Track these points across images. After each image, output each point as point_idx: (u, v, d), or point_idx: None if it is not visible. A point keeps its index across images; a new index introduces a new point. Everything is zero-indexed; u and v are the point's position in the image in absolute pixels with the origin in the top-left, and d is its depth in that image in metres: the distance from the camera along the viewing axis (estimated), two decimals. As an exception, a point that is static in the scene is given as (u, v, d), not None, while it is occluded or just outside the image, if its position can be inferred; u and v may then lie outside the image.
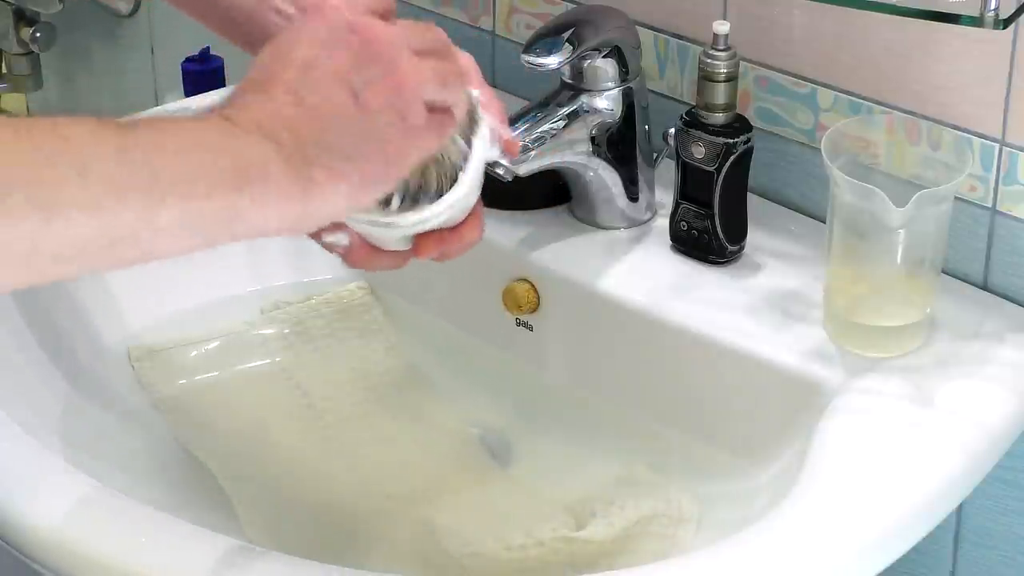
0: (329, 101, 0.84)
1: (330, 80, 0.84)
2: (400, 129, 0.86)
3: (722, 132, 1.19)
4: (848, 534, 0.98)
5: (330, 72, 0.85)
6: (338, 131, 0.84)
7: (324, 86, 0.84)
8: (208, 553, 0.96)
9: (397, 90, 0.86)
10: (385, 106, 0.85)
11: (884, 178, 1.11)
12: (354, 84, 0.85)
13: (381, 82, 0.85)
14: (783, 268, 1.21)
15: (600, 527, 1.10)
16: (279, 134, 0.82)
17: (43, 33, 1.89)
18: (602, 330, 1.21)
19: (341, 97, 0.84)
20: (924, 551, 1.25)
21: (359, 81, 0.85)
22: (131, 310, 1.27)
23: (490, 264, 1.25)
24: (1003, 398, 1.09)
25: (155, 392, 1.24)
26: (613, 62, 1.22)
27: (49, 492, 1.01)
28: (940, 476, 1.03)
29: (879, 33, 1.19)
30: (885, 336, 1.12)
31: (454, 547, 1.10)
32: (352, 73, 0.85)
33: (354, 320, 1.31)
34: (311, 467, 1.19)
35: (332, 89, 0.84)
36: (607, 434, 1.20)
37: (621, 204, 1.26)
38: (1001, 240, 1.18)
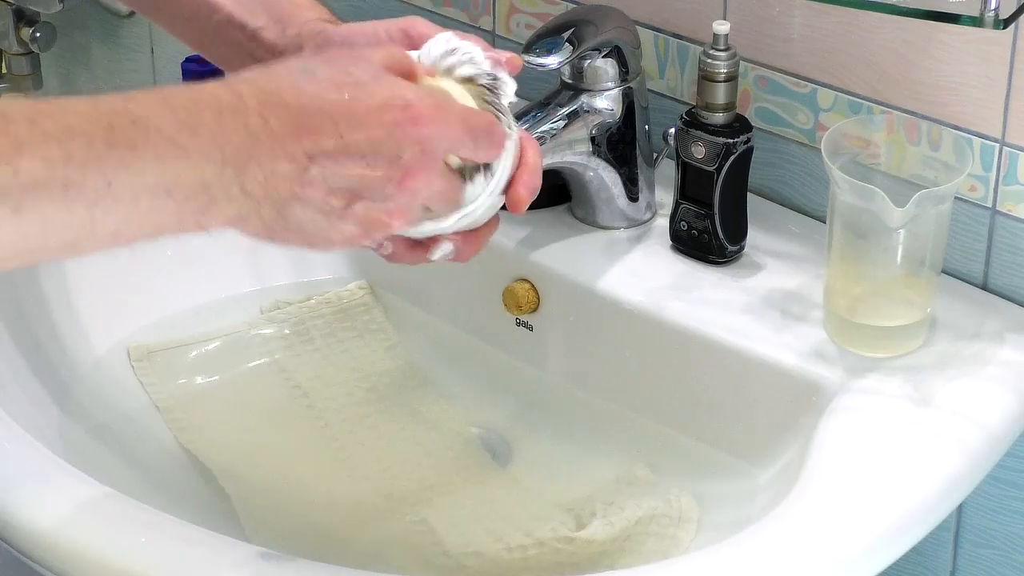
0: (325, 190, 0.83)
1: (348, 180, 0.83)
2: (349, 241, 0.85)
3: (722, 132, 1.19)
4: (848, 534, 0.98)
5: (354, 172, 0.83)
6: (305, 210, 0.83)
7: (337, 178, 0.83)
8: (208, 553, 0.96)
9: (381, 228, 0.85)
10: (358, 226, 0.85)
11: (884, 178, 1.11)
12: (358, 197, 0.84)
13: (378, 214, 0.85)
14: (783, 268, 1.21)
15: (600, 527, 1.10)
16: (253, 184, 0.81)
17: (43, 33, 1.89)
18: (602, 330, 1.21)
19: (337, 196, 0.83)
20: (924, 551, 1.25)
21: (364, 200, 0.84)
22: (131, 310, 1.27)
23: (490, 264, 1.25)
24: (1003, 398, 1.09)
25: (155, 392, 1.24)
26: (613, 62, 1.22)
27: (49, 492, 1.01)
28: (940, 476, 1.03)
29: (879, 33, 1.19)
30: (885, 336, 1.12)
31: (454, 547, 1.10)
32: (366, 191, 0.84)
33: (354, 320, 1.31)
34: (311, 467, 1.19)
35: (339, 185, 0.83)
36: (607, 434, 1.20)
37: (621, 204, 1.26)
38: (1001, 240, 1.18)
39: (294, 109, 0.82)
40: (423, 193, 0.86)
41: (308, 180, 0.82)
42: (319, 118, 0.82)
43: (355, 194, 0.84)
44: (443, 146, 0.86)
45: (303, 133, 0.82)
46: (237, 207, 0.81)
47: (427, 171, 0.85)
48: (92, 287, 1.25)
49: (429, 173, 0.85)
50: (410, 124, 0.84)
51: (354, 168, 0.83)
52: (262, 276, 1.33)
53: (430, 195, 0.86)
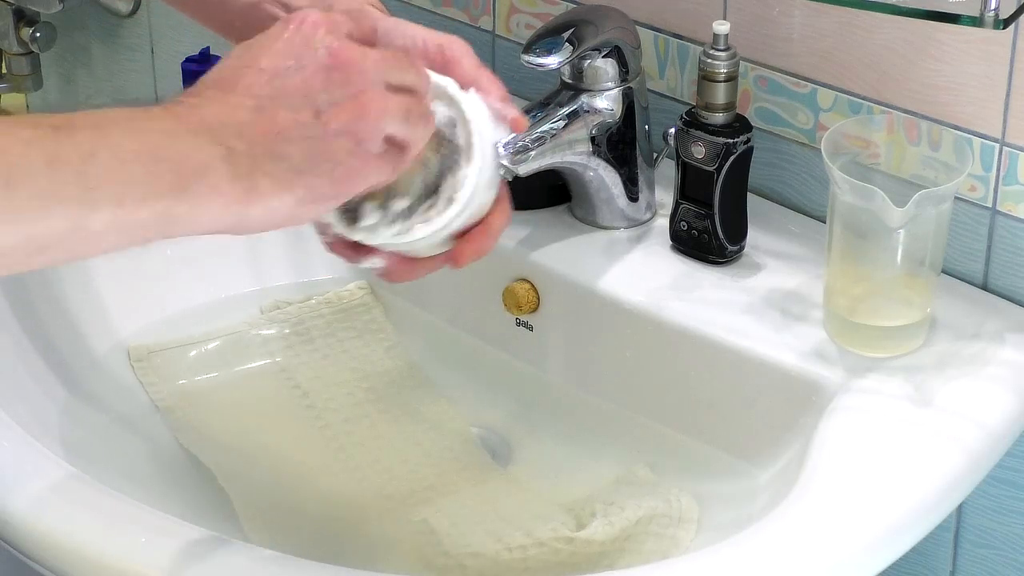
0: (289, 113, 0.84)
1: (295, 92, 0.85)
2: (354, 154, 0.86)
3: (722, 132, 1.19)
4: (848, 534, 0.98)
5: (296, 84, 0.85)
6: (292, 143, 0.84)
7: (287, 97, 0.84)
8: (208, 553, 0.96)
9: (359, 115, 0.85)
10: (344, 129, 0.85)
11: (884, 178, 1.11)
12: (318, 101, 0.85)
13: (345, 105, 0.85)
14: (783, 268, 1.21)
15: (600, 527, 1.10)
16: (229, 138, 0.82)
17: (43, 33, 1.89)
18: (602, 330, 1.21)
19: (302, 111, 0.84)
20: (924, 551, 1.25)
21: (324, 100, 0.85)
22: (131, 310, 1.27)
23: (490, 264, 1.25)
24: (1003, 398, 1.09)
25: (155, 392, 1.24)
26: (613, 62, 1.22)
27: (49, 492, 1.01)
28: (940, 476, 1.03)
29: (879, 33, 1.19)
30: (885, 336, 1.12)
31: (454, 547, 1.10)
32: (318, 90, 0.85)
33: (354, 320, 1.31)
34: (311, 467, 1.19)
35: (294, 101, 0.84)
36: (607, 434, 1.20)
37: (621, 204, 1.26)
38: (1001, 240, 1.18)
39: (216, 75, 0.85)
40: (374, 66, 0.86)
41: (267, 113, 0.83)
42: (237, 67, 0.85)
43: (312, 97, 0.84)
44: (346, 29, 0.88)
45: (233, 82, 0.84)
46: (232, 166, 0.81)
47: (359, 49, 0.86)
48: (92, 287, 1.25)
49: (362, 51, 0.86)
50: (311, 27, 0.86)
51: (291, 78, 0.84)
52: (262, 276, 1.33)
53: (387, 70, 0.87)
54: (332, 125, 0.85)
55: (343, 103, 0.85)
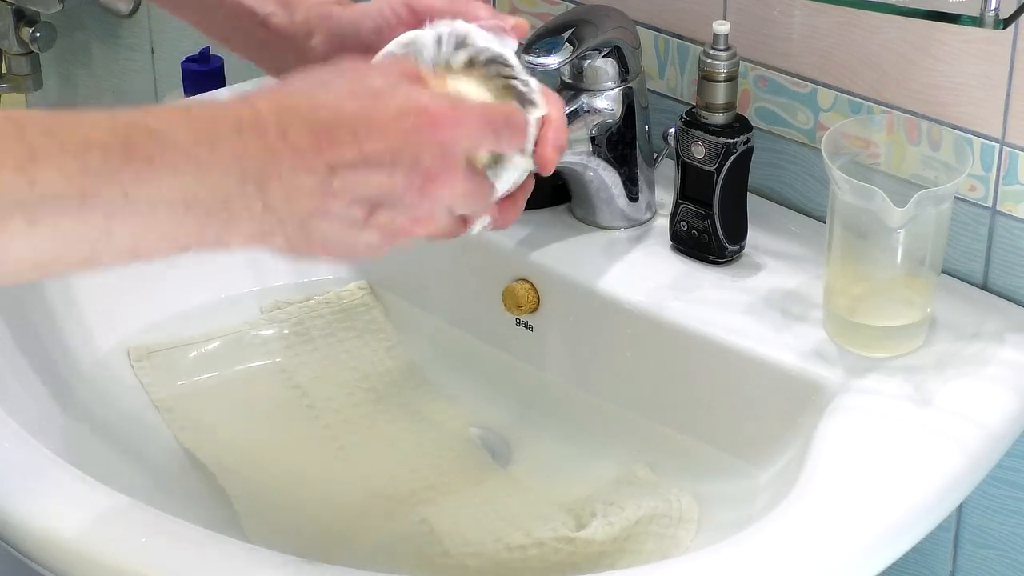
0: (347, 201, 0.82)
1: (369, 189, 0.82)
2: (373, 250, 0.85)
3: (722, 132, 1.19)
4: (848, 534, 0.98)
5: (376, 183, 0.82)
6: (328, 223, 0.82)
7: (358, 188, 0.82)
8: (208, 553, 0.96)
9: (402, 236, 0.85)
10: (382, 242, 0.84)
11: (884, 178, 1.11)
12: (380, 205, 0.83)
13: (400, 222, 0.84)
14: (783, 268, 1.21)
15: (600, 527, 1.10)
16: (276, 199, 0.80)
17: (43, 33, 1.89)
18: (602, 330, 1.21)
19: (359, 206, 0.82)
20: (924, 551, 1.25)
21: (386, 208, 0.83)
22: (131, 311, 1.27)
23: (490, 264, 1.25)
24: (1003, 398, 1.09)
25: (155, 392, 1.24)
26: (613, 62, 1.22)
27: (49, 492, 1.01)
28: (940, 476, 1.03)
29: (879, 33, 1.19)
30: (885, 336, 1.12)
31: (454, 547, 1.10)
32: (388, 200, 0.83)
33: (354, 320, 1.31)
34: (311, 467, 1.19)
35: (361, 195, 0.82)
36: (607, 434, 1.20)
37: (621, 204, 1.26)
38: (1001, 240, 1.18)
39: (313, 122, 0.81)
40: (447, 197, 0.85)
41: (330, 193, 0.81)
42: (337, 129, 0.82)
43: (377, 203, 0.83)
44: (464, 146, 0.85)
45: (323, 146, 0.81)
46: (259, 223, 0.80)
47: (449, 175, 0.85)
48: (93, 287, 1.25)
49: (452, 176, 0.85)
50: (427, 128, 0.83)
51: (375, 177, 0.82)
52: (262, 276, 1.33)
53: (454, 198, 0.86)
54: (374, 231, 0.83)
55: (399, 220, 0.84)
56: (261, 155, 0.79)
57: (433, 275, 1.30)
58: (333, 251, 0.84)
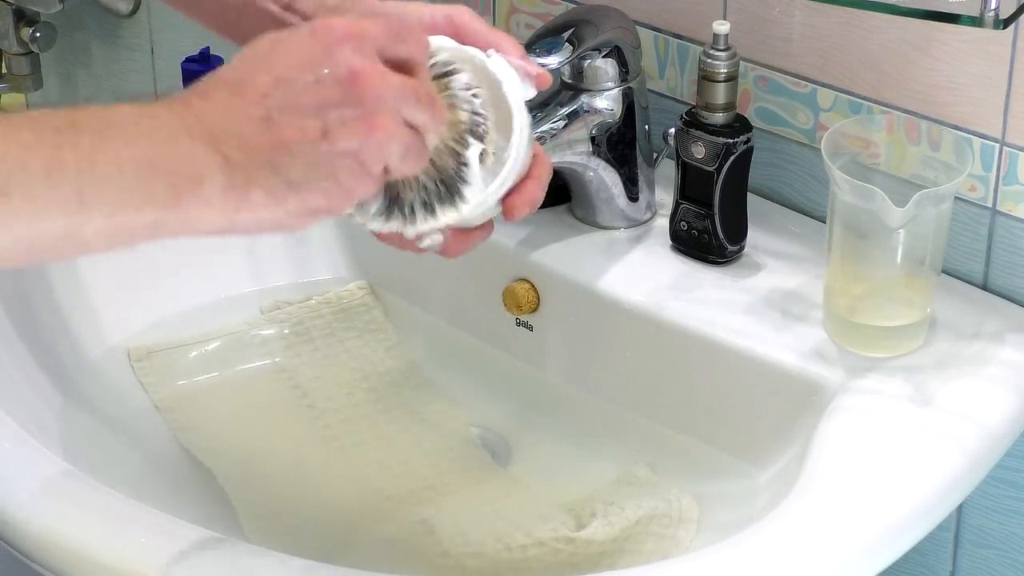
0: (296, 126, 0.82)
1: (306, 106, 0.83)
2: (354, 174, 0.84)
3: (722, 132, 1.19)
4: (848, 534, 0.98)
5: (309, 97, 0.83)
6: (294, 158, 0.82)
7: (297, 109, 0.82)
8: (208, 553, 0.96)
9: (368, 137, 0.84)
10: (350, 149, 0.83)
11: (884, 178, 1.11)
12: (329, 118, 0.83)
13: (355, 125, 0.83)
14: (783, 268, 1.21)
15: (600, 527, 1.10)
16: (229, 148, 0.81)
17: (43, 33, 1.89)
18: (602, 330, 1.21)
19: (310, 126, 0.83)
20: (924, 551, 1.25)
21: (334, 117, 0.83)
22: (131, 310, 1.27)
23: (490, 264, 1.25)
24: (1003, 398, 1.09)
25: (155, 392, 1.24)
26: (613, 62, 1.22)
27: (49, 492, 1.01)
28: (940, 476, 1.03)
29: (879, 33, 1.19)
30: (885, 336, 1.12)
31: (454, 547, 1.10)
32: (331, 107, 0.83)
33: (354, 320, 1.31)
34: (311, 467, 1.19)
35: (304, 114, 0.83)
36: (607, 434, 1.20)
37: (621, 204, 1.26)
38: (1001, 240, 1.18)
39: (227, 74, 0.84)
40: (384, 91, 0.84)
41: (273, 123, 0.82)
42: (252, 68, 0.83)
43: (320, 115, 0.83)
44: (374, 47, 0.85)
45: (244, 85, 0.82)
46: (230, 178, 0.81)
47: (374, 68, 0.84)
48: (92, 287, 1.25)
49: (375, 66, 0.84)
50: (332, 36, 0.84)
51: (305, 89, 0.82)
52: (262, 276, 1.33)
53: (393, 92, 0.84)
54: (339, 144, 0.83)
55: (353, 123, 0.83)
56: (196, 117, 0.81)
57: (433, 275, 1.30)
58: (321, 184, 0.83)
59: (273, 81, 0.83)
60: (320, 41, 0.84)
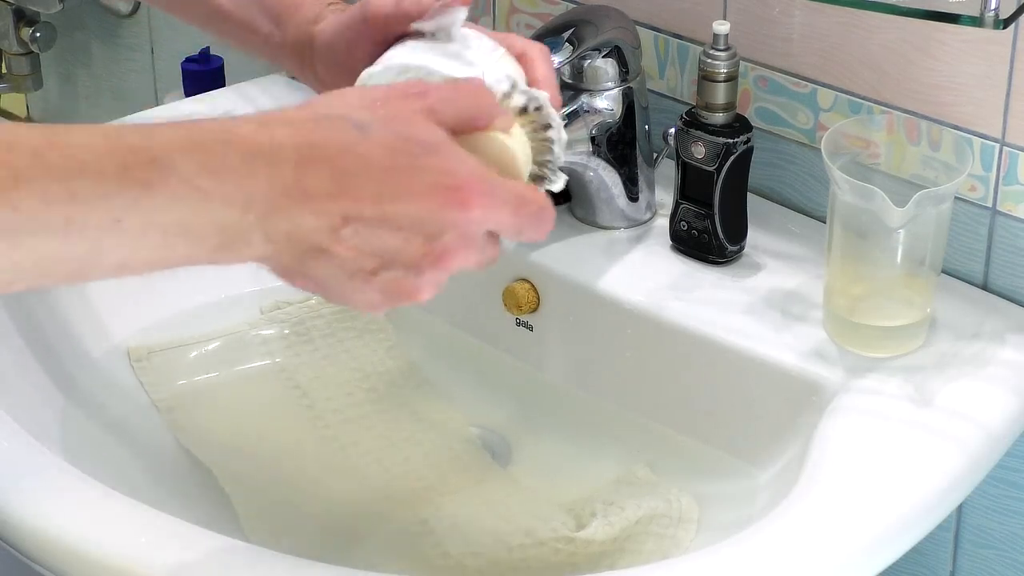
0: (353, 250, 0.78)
1: (378, 245, 0.78)
2: (370, 306, 0.81)
3: (722, 132, 1.19)
4: (848, 534, 0.98)
5: (388, 240, 0.78)
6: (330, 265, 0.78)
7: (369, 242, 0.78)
8: (208, 553, 0.96)
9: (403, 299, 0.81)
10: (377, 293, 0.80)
11: (884, 178, 1.12)
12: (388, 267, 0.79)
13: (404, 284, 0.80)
14: (783, 268, 1.21)
15: (600, 527, 1.10)
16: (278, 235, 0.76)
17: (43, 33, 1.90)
18: (602, 330, 1.21)
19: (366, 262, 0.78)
20: (924, 551, 1.25)
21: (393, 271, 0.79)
22: (131, 310, 1.27)
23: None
24: (1003, 398, 1.09)
25: (155, 392, 1.24)
26: (613, 62, 1.22)
27: (49, 492, 1.01)
28: (940, 476, 1.03)
29: (879, 33, 1.19)
30: (885, 336, 1.12)
31: (454, 547, 1.10)
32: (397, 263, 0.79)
33: (354, 320, 1.31)
34: (311, 467, 1.19)
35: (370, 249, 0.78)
36: (607, 434, 1.20)
37: (621, 204, 1.26)
38: (1001, 240, 1.18)
39: (336, 168, 0.77)
40: (458, 269, 0.81)
41: (338, 238, 0.77)
42: (362, 183, 0.77)
43: (386, 262, 0.79)
44: (487, 228, 0.82)
45: (341, 196, 0.76)
46: (256, 250, 0.77)
47: (466, 251, 0.81)
48: (92, 287, 1.25)
49: (468, 252, 0.81)
50: (457, 207, 0.78)
51: (390, 239, 0.78)
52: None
53: (464, 268, 0.82)
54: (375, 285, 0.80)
55: (404, 287, 0.80)
56: (270, 191, 0.75)
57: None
58: (326, 292, 0.80)
59: (372, 209, 0.77)
60: (444, 202, 0.78)
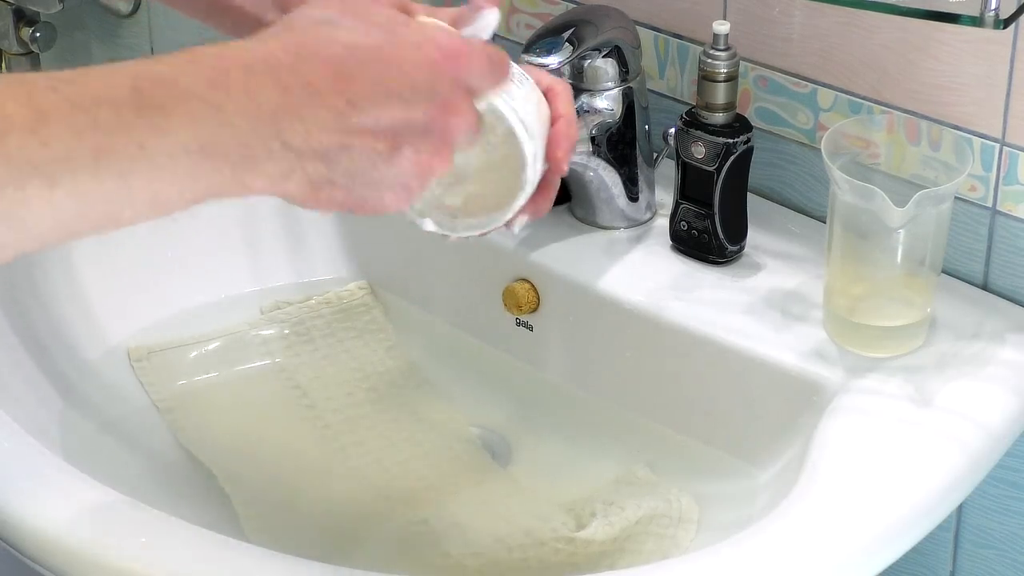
0: (368, 133, 0.80)
1: (387, 120, 0.81)
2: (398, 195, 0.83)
3: (722, 132, 1.19)
4: (848, 534, 0.98)
5: (395, 113, 0.81)
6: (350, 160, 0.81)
7: (377, 120, 0.80)
8: (208, 553, 0.96)
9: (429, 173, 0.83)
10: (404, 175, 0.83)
11: (884, 178, 1.11)
12: (402, 140, 0.82)
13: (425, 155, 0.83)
14: (783, 268, 1.21)
15: (600, 527, 1.10)
16: (292, 135, 0.78)
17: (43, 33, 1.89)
18: (602, 330, 1.21)
19: (381, 143, 0.81)
20: (924, 551, 1.25)
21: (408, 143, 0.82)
22: (131, 310, 1.27)
23: (490, 264, 1.25)
24: (1003, 398, 1.09)
25: (155, 392, 1.24)
26: (613, 62, 1.22)
27: (49, 492, 1.01)
28: (940, 476, 1.03)
29: (879, 33, 1.19)
30: (885, 336, 1.12)
31: (454, 547, 1.10)
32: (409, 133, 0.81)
33: (354, 320, 1.31)
34: (311, 467, 1.19)
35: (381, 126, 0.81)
36: (607, 434, 1.20)
37: (621, 204, 1.26)
38: (1001, 240, 1.18)
39: (328, 58, 0.80)
40: (461, 128, 0.84)
41: (350, 127, 0.80)
42: (354, 64, 0.80)
43: (399, 136, 0.81)
44: (472, 78, 0.85)
45: (340, 81, 0.79)
46: (279, 163, 0.78)
47: (464, 104, 0.84)
48: (92, 287, 1.25)
49: (469, 111, 0.84)
50: (443, 62, 0.83)
51: (396, 110, 0.81)
52: (262, 276, 1.33)
53: (467, 128, 0.85)
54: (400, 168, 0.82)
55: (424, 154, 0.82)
56: (276, 95, 0.78)
57: (433, 275, 1.30)
58: (356, 195, 0.82)
59: (372, 87, 0.80)
60: (432, 60, 0.83)
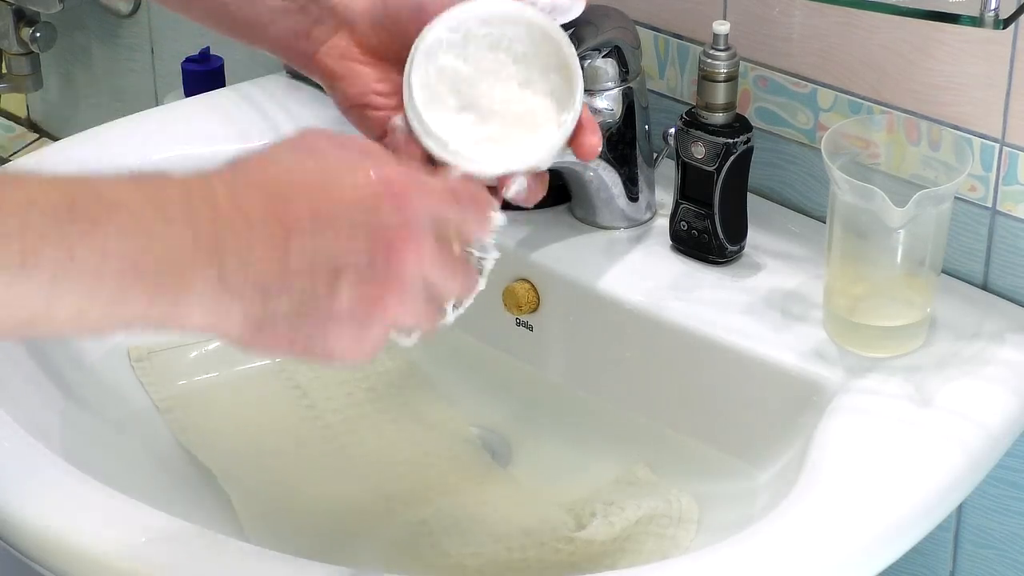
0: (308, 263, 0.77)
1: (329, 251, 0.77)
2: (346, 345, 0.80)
3: (722, 132, 1.19)
4: (848, 534, 0.98)
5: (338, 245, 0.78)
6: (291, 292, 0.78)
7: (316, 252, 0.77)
8: (208, 553, 0.96)
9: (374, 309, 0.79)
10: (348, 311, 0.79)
11: (884, 178, 1.11)
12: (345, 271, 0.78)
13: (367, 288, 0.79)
14: (783, 268, 1.21)
15: (600, 527, 1.10)
16: (231, 265, 0.76)
17: (43, 33, 1.90)
18: (602, 330, 1.21)
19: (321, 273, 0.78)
20: (924, 551, 1.25)
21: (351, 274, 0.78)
22: (131, 310, 1.27)
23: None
24: (1003, 398, 1.09)
25: (155, 392, 1.24)
26: (613, 62, 1.22)
27: (49, 492, 1.01)
28: (940, 476, 1.03)
29: (879, 33, 1.19)
30: (885, 336, 1.12)
31: (454, 547, 1.10)
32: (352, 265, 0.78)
33: (354, 320, 1.31)
34: (311, 467, 1.19)
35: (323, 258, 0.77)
36: (607, 434, 1.20)
37: (621, 204, 1.26)
38: (1001, 240, 1.18)
39: (265, 188, 0.78)
40: (416, 265, 0.80)
41: (288, 266, 0.77)
42: (292, 195, 0.78)
43: (339, 268, 0.78)
44: (428, 214, 0.81)
45: (277, 211, 0.77)
46: (214, 297, 0.76)
47: (416, 241, 0.80)
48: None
49: (419, 243, 0.80)
50: (389, 195, 0.79)
51: (335, 243, 0.78)
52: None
53: (427, 268, 0.81)
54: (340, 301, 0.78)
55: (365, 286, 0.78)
56: (212, 223, 0.75)
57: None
58: (304, 330, 0.79)
59: (309, 215, 0.77)
60: (376, 195, 0.79)
